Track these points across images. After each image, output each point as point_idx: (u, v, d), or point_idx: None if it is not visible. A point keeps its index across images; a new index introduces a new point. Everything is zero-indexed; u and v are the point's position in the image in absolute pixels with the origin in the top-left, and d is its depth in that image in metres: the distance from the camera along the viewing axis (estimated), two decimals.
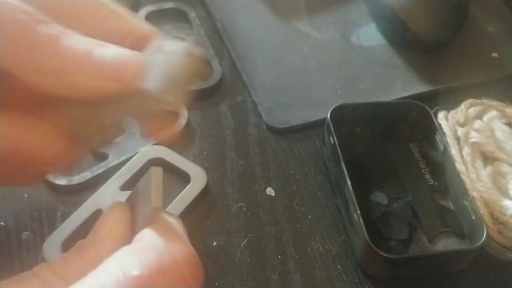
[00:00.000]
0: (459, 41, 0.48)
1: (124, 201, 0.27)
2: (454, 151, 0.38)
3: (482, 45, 0.49)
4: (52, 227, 0.35)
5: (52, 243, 0.33)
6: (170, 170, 0.38)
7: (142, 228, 0.25)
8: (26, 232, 0.35)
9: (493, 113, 0.41)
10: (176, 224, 0.26)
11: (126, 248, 0.23)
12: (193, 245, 0.25)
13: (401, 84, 0.46)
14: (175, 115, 0.41)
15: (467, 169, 0.38)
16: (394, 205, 0.38)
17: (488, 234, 0.34)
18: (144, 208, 0.26)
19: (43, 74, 0.23)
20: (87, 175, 0.37)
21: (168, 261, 0.23)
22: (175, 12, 0.49)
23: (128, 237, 0.25)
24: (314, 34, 0.49)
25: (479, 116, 0.41)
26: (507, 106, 0.42)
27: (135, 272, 0.22)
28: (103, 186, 0.36)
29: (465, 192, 0.36)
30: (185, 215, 0.36)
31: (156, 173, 0.27)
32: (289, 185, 0.39)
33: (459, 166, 0.38)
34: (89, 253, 0.25)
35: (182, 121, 0.41)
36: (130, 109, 0.26)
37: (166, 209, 0.34)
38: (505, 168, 0.37)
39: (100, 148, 0.39)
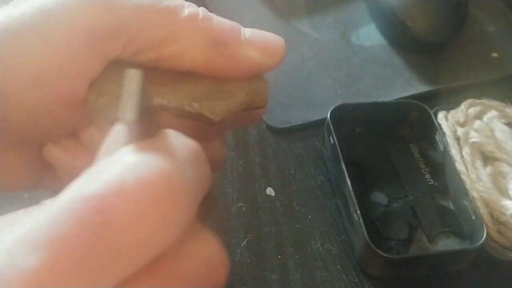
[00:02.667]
0: (459, 41, 0.48)
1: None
2: (454, 151, 0.38)
3: (482, 45, 0.49)
4: None
5: None
6: None
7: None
8: None
9: (493, 113, 0.41)
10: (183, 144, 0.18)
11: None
12: None
13: (401, 84, 0.45)
14: None
15: (467, 169, 0.37)
16: (394, 205, 0.38)
17: (488, 234, 0.34)
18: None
19: (206, 50, 0.24)
20: None
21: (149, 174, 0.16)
22: None
23: None
24: (314, 34, 0.49)
25: (479, 116, 0.41)
26: (507, 106, 0.42)
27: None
28: None
29: (465, 192, 0.36)
30: None
31: (132, 76, 0.17)
32: (289, 185, 0.39)
33: (459, 166, 0.38)
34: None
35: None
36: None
37: None
38: (505, 168, 0.37)
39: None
